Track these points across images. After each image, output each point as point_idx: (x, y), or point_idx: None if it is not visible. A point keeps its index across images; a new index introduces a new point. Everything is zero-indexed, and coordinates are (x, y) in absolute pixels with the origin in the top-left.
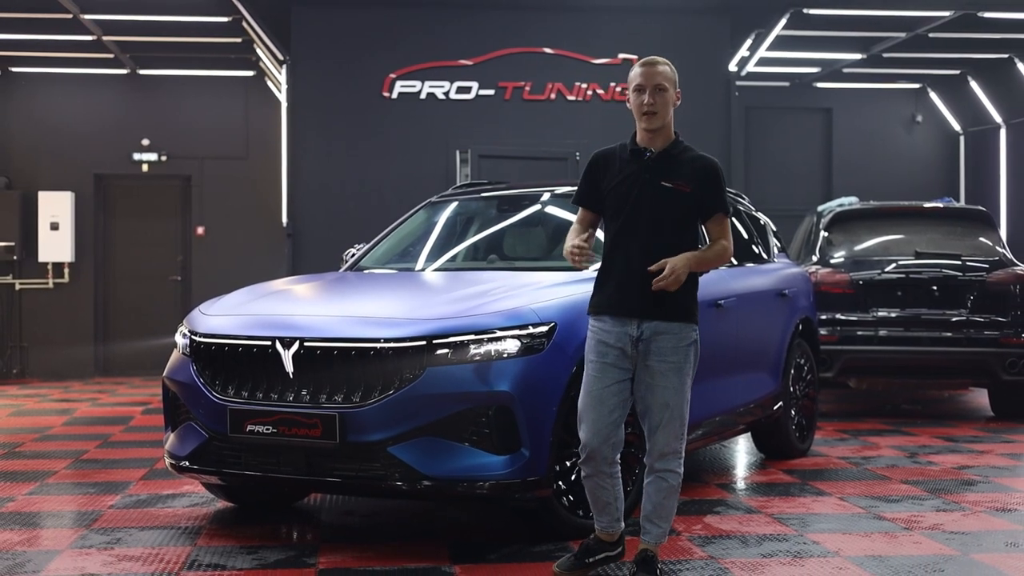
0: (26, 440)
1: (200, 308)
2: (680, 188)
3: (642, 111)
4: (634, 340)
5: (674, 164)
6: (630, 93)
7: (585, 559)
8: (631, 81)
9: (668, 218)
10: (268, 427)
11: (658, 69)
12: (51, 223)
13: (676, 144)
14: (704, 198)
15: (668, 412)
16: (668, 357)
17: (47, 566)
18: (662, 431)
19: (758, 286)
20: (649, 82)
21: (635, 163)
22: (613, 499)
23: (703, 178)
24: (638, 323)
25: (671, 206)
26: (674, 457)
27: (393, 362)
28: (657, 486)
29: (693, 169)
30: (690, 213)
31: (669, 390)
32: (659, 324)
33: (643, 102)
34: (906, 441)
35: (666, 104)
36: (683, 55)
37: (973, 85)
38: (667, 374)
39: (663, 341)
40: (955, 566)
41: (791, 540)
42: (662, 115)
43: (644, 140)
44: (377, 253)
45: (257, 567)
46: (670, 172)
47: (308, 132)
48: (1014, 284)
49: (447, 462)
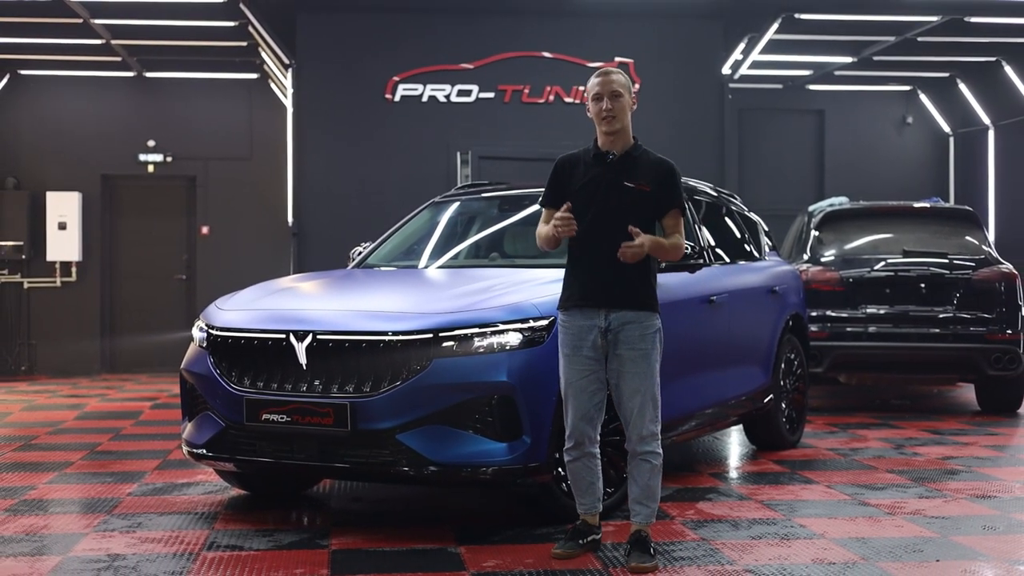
0: (40, 433)
1: (216, 303)
2: (641, 188)
3: (601, 116)
4: (603, 331)
5: (635, 165)
6: (589, 102)
7: (578, 540)
8: (589, 91)
9: (631, 216)
10: (283, 416)
11: (612, 78)
12: (59, 223)
13: (636, 147)
14: (661, 196)
15: (641, 397)
16: (636, 345)
17: (74, 547)
18: (638, 416)
19: (749, 283)
20: (605, 89)
21: (598, 166)
22: (596, 479)
23: (661, 178)
24: (605, 314)
25: (633, 205)
26: (652, 439)
27: (401, 354)
28: (641, 468)
29: (652, 170)
30: (649, 211)
31: (640, 376)
32: (625, 314)
33: (601, 108)
34: (893, 434)
35: (623, 109)
36: (678, 59)
37: (962, 87)
38: (637, 360)
39: (630, 330)
40: (933, 547)
41: (779, 524)
42: (620, 119)
43: (605, 144)
44: (383, 251)
45: (273, 548)
46: (631, 173)
47: (313, 134)
48: (999, 282)
49: (452, 449)
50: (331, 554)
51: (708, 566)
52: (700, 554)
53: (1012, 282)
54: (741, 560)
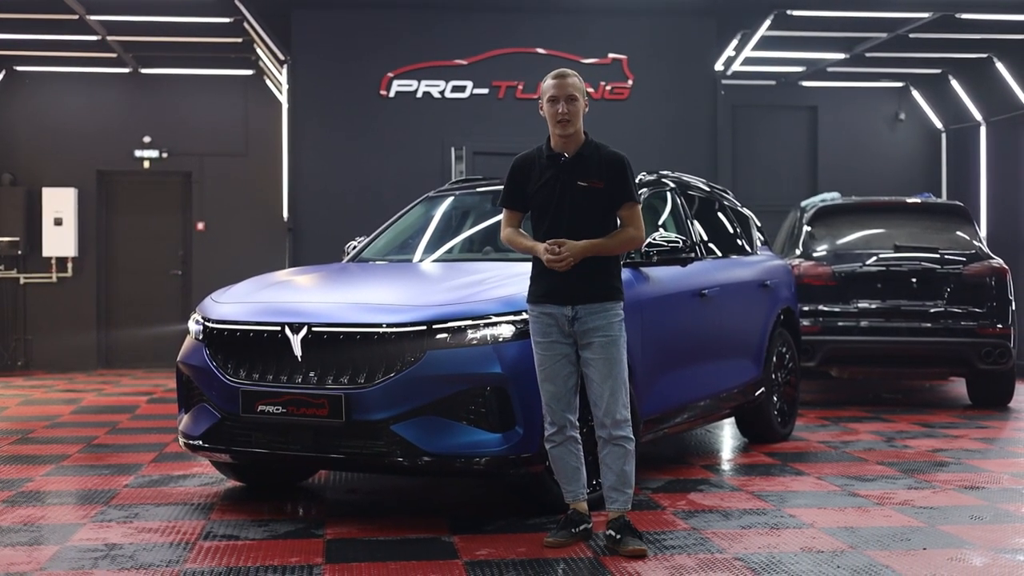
0: (37, 427)
1: (212, 296)
2: (594, 185)
3: (556, 119)
4: (570, 320)
5: (586, 164)
6: (544, 103)
7: (571, 529)
8: (545, 92)
9: (588, 213)
10: (278, 407)
11: (569, 81)
12: (55, 218)
13: (587, 145)
14: (614, 191)
15: (611, 382)
16: (604, 332)
17: (71, 537)
18: (610, 401)
19: (741, 277)
20: (561, 92)
21: (552, 168)
22: (579, 464)
23: (612, 173)
24: (572, 306)
25: (589, 203)
26: (625, 424)
27: (395, 346)
28: (615, 454)
29: (603, 166)
30: (605, 206)
31: (609, 361)
32: (591, 305)
33: (557, 111)
34: (884, 427)
35: (577, 112)
36: (671, 55)
37: (954, 84)
38: (606, 346)
39: (597, 319)
40: (920, 535)
41: (769, 514)
42: (574, 122)
43: (558, 145)
44: (378, 245)
45: (269, 537)
46: (584, 172)
47: (308, 130)
48: (990, 276)
49: (446, 439)
50: (326, 543)
51: (698, 554)
52: (690, 543)
53: (1003, 277)
54: (731, 549)
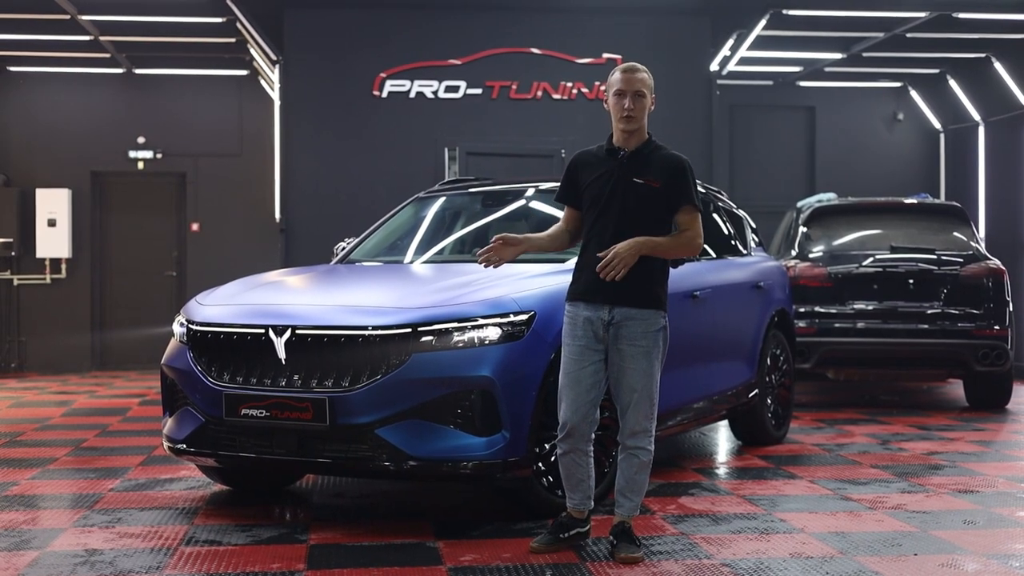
0: (27, 430)
1: (197, 298)
2: (650, 183)
3: (621, 114)
4: (605, 324)
5: (645, 162)
6: (610, 96)
7: (559, 534)
8: (612, 85)
9: (639, 212)
10: (261, 411)
11: (638, 76)
12: (48, 219)
13: (648, 144)
14: (671, 193)
15: (637, 394)
16: (638, 342)
17: (51, 542)
18: (632, 411)
19: (734, 278)
20: (630, 88)
21: (610, 161)
22: (587, 476)
23: (671, 174)
24: (609, 308)
25: (642, 200)
26: (644, 435)
27: (380, 348)
28: (629, 462)
29: (662, 166)
30: (660, 207)
31: (638, 373)
32: (629, 310)
33: (623, 107)
34: (880, 429)
35: (643, 109)
36: (665, 55)
37: (952, 84)
38: (637, 358)
39: (633, 327)
40: (912, 541)
41: (759, 519)
42: (639, 119)
43: (620, 140)
44: (367, 246)
45: (251, 543)
46: (641, 169)
47: (301, 130)
48: (987, 278)
49: (432, 443)
50: (309, 548)
51: (685, 560)
52: (678, 548)
53: (1000, 278)
54: (719, 554)
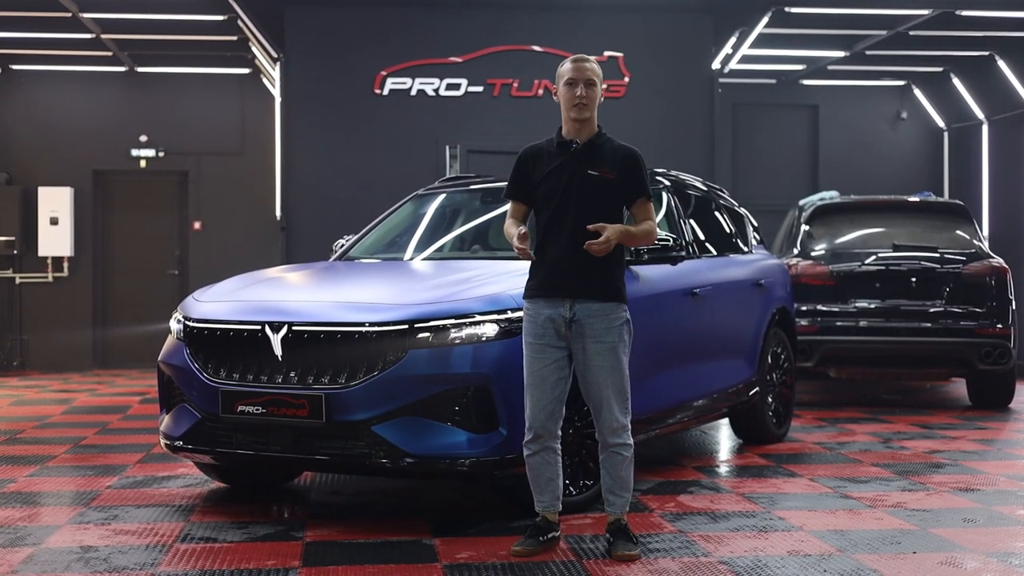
0: (27, 427)
1: (194, 295)
2: (604, 175)
3: (573, 103)
4: (567, 321)
5: (598, 154)
6: (560, 86)
7: (539, 537)
8: (562, 75)
9: (595, 204)
10: (258, 408)
11: (588, 65)
12: (51, 218)
13: (600, 136)
14: (627, 185)
15: (608, 391)
16: (603, 338)
17: (47, 539)
18: (606, 410)
19: (734, 276)
20: (581, 76)
21: (562, 154)
22: (555, 475)
23: (625, 166)
24: (570, 304)
25: (597, 193)
26: (623, 431)
27: (377, 345)
28: (612, 460)
29: (616, 158)
30: (615, 199)
31: (606, 370)
32: (590, 305)
33: (575, 94)
34: (882, 428)
35: (594, 98)
36: (667, 52)
37: (956, 82)
38: (603, 354)
39: (595, 323)
40: (911, 539)
41: (758, 516)
42: (590, 107)
43: (571, 132)
44: (365, 243)
45: (247, 540)
46: (595, 161)
47: (302, 128)
48: (990, 276)
49: (429, 440)
50: (304, 546)
51: (683, 558)
52: (676, 546)
53: (1003, 276)
54: (716, 552)
